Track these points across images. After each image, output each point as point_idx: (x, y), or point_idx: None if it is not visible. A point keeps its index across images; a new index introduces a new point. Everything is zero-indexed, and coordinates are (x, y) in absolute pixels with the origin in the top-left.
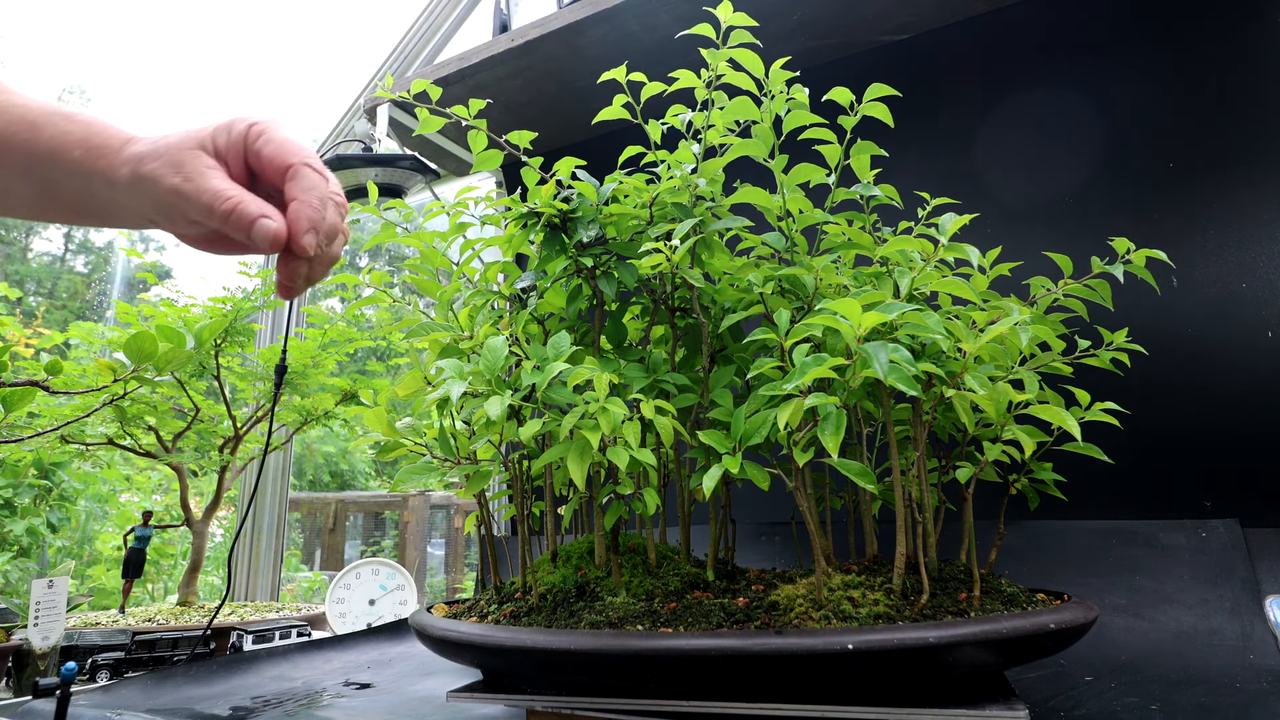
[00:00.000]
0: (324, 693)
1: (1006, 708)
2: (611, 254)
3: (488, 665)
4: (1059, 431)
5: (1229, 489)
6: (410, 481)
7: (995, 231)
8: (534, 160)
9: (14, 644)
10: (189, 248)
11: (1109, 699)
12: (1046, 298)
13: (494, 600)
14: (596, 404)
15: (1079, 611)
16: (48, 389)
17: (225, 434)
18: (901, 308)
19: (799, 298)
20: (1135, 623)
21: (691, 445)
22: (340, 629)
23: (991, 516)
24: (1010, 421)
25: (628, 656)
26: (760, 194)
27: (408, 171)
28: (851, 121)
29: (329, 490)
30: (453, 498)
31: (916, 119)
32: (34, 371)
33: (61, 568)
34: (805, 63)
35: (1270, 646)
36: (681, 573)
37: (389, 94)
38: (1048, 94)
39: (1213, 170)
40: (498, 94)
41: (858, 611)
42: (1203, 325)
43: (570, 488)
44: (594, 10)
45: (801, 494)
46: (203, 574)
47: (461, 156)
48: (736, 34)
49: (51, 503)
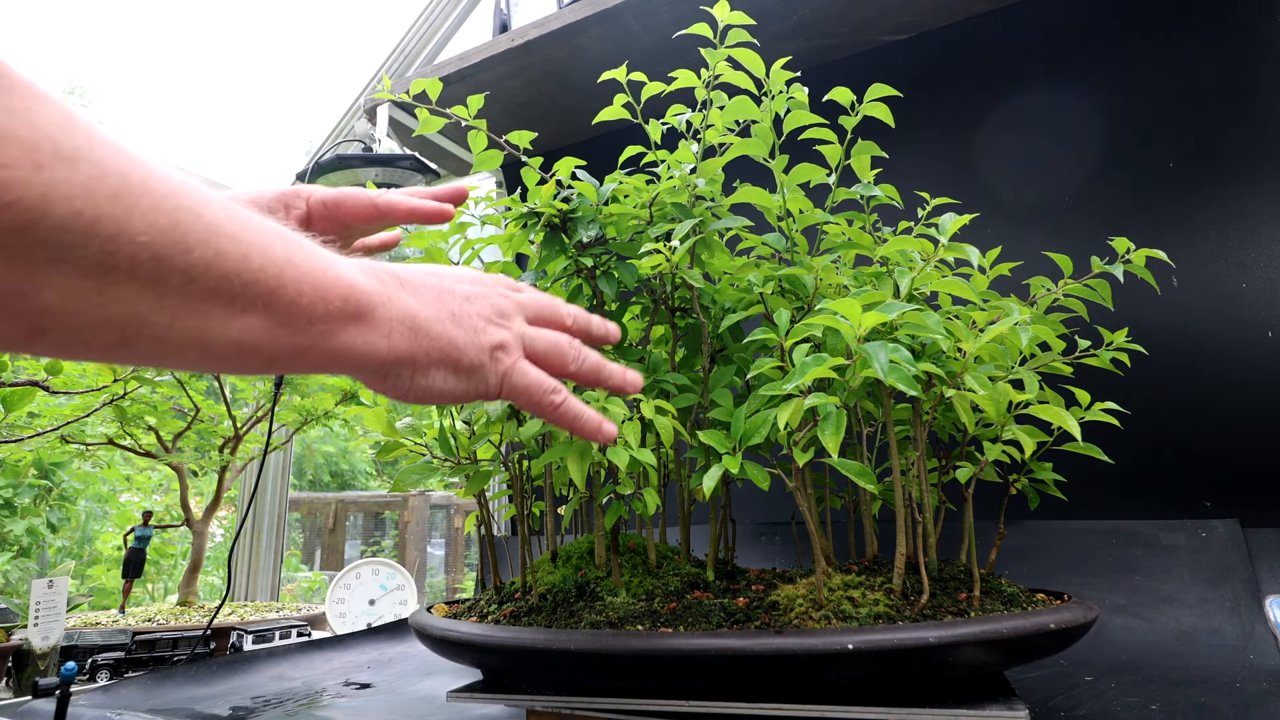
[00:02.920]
0: (324, 693)
1: (1006, 708)
2: (611, 254)
3: (488, 665)
4: (1059, 431)
5: (1229, 489)
6: (410, 482)
7: (995, 231)
8: (534, 160)
9: (14, 644)
10: None
11: (1109, 699)
12: (1046, 298)
13: (494, 600)
14: (596, 404)
15: (1079, 611)
16: (48, 389)
17: (225, 434)
18: (901, 308)
19: (799, 298)
20: (1135, 623)
21: (691, 445)
22: (340, 629)
23: (991, 516)
24: (1010, 421)
25: (628, 656)
26: (760, 194)
27: (408, 171)
28: (852, 121)
29: (329, 490)
30: (453, 498)
31: (917, 119)
32: (34, 371)
33: (61, 568)
34: (805, 63)
35: (1270, 646)
36: (681, 573)
37: (389, 94)
38: (1048, 94)
39: (1213, 170)
40: (498, 94)
41: (858, 611)
42: (1203, 325)
43: (570, 488)
44: (594, 10)
45: (801, 494)
46: (203, 574)
47: (461, 156)
48: (734, 33)
49: (51, 503)
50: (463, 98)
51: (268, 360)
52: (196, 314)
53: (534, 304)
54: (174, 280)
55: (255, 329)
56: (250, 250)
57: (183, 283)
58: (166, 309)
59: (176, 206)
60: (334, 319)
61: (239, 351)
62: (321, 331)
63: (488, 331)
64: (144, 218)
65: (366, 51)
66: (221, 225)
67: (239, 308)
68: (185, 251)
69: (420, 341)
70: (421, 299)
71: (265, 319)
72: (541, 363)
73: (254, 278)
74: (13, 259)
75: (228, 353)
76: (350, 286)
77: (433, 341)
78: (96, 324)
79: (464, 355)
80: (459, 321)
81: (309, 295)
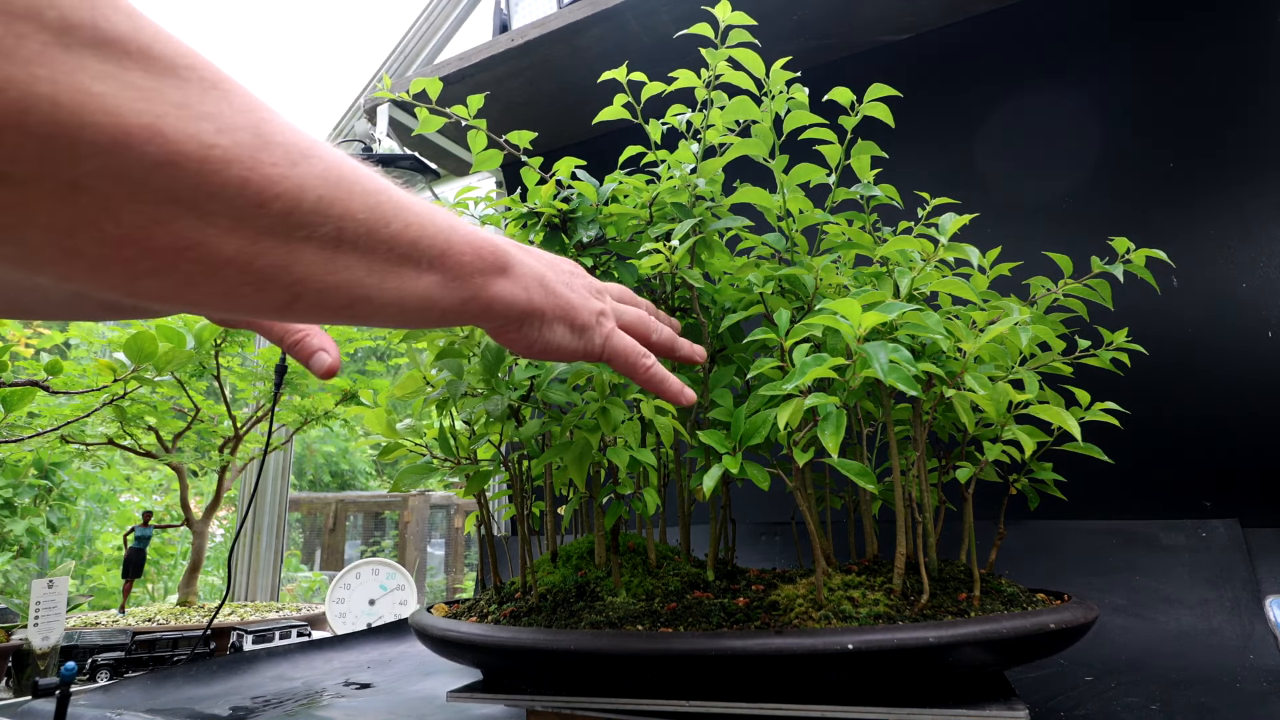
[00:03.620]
0: (324, 693)
1: (1006, 708)
2: (611, 254)
3: (488, 665)
4: (1059, 431)
5: (1229, 489)
6: (410, 482)
7: (995, 231)
8: (534, 160)
9: (14, 644)
10: None
11: (1109, 699)
12: (1046, 298)
13: (494, 600)
14: (596, 404)
15: (1079, 611)
16: (48, 389)
17: (225, 434)
18: (901, 308)
19: (799, 298)
20: (1135, 623)
21: (691, 445)
22: (340, 629)
23: (991, 516)
24: (1010, 421)
25: (628, 656)
26: (760, 194)
27: (408, 171)
28: (852, 121)
29: (329, 490)
30: (453, 498)
31: (917, 119)
32: (34, 371)
33: (61, 568)
34: (805, 63)
35: (1270, 646)
36: (681, 573)
37: (389, 94)
38: (1048, 94)
39: (1213, 170)
40: (498, 94)
41: (858, 611)
42: (1203, 325)
43: (570, 488)
44: (594, 10)
45: (801, 494)
46: (203, 574)
47: (461, 156)
48: (735, 33)
49: (51, 503)
50: (463, 97)
51: (441, 314)
52: (396, 275)
53: (614, 288)
54: (380, 249)
55: (435, 284)
56: (425, 221)
57: (387, 250)
58: (376, 272)
59: (375, 189)
60: (489, 272)
61: (424, 304)
62: (480, 284)
63: (591, 300)
64: (359, 200)
65: (366, 51)
66: (404, 203)
67: (424, 267)
68: (386, 224)
69: (549, 298)
70: (543, 264)
71: (442, 275)
72: (630, 331)
73: (431, 243)
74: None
75: (417, 305)
76: (495, 245)
77: (557, 299)
78: (331, 288)
79: (579, 315)
80: (571, 288)
81: (470, 254)
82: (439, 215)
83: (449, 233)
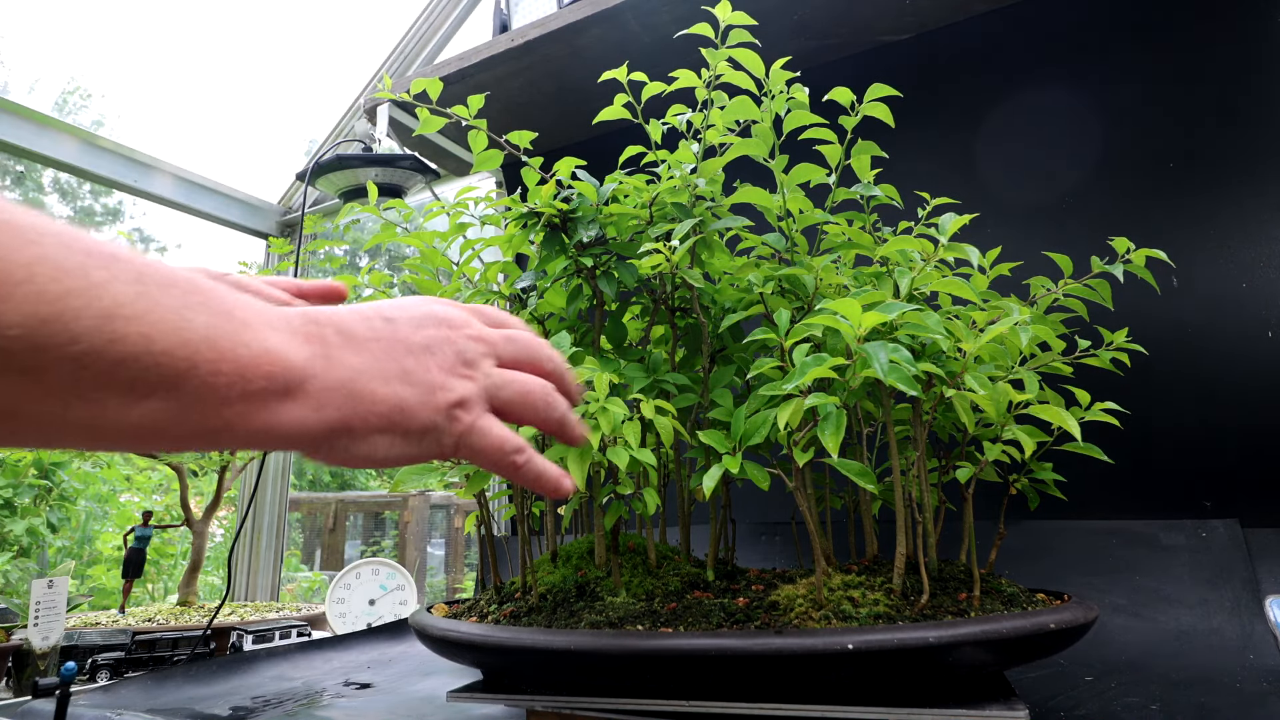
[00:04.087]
0: (324, 693)
1: (1006, 708)
2: (611, 254)
3: (488, 665)
4: (1059, 431)
5: (1229, 489)
6: (410, 481)
7: (995, 231)
8: (534, 160)
9: (14, 644)
10: (189, 247)
11: (1109, 699)
12: (1046, 298)
13: (494, 600)
14: (596, 404)
15: (1079, 611)
16: None
17: None
18: (901, 308)
19: (799, 298)
20: (1135, 623)
21: (691, 445)
22: (340, 629)
23: (991, 516)
24: (1010, 421)
25: (628, 656)
26: (760, 194)
27: (408, 171)
28: (852, 122)
29: (329, 490)
30: (453, 498)
31: (917, 119)
32: None
33: (61, 568)
34: (805, 63)
35: (1270, 646)
36: (681, 573)
37: (389, 94)
38: (1048, 94)
39: (1213, 170)
40: (498, 94)
41: (858, 611)
42: (1203, 325)
43: None
44: (594, 10)
45: (801, 494)
46: (203, 574)
47: (461, 156)
48: (735, 33)
49: (51, 503)
50: (463, 98)
51: (174, 442)
52: (89, 403)
53: (511, 346)
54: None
55: (158, 413)
56: (155, 331)
57: (71, 372)
58: (52, 399)
59: (66, 291)
60: (255, 398)
61: (138, 436)
62: (239, 412)
63: (447, 386)
64: (19, 309)
65: (366, 51)
66: (124, 306)
67: (139, 394)
68: (72, 341)
69: (359, 407)
70: (368, 356)
71: (170, 403)
72: (507, 412)
73: (156, 361)
74: None
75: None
76: (278, 360)
77: (374, 406)
78: None
79: (414, 418)
80: (411, 379)
81: (227, 375)
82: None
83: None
